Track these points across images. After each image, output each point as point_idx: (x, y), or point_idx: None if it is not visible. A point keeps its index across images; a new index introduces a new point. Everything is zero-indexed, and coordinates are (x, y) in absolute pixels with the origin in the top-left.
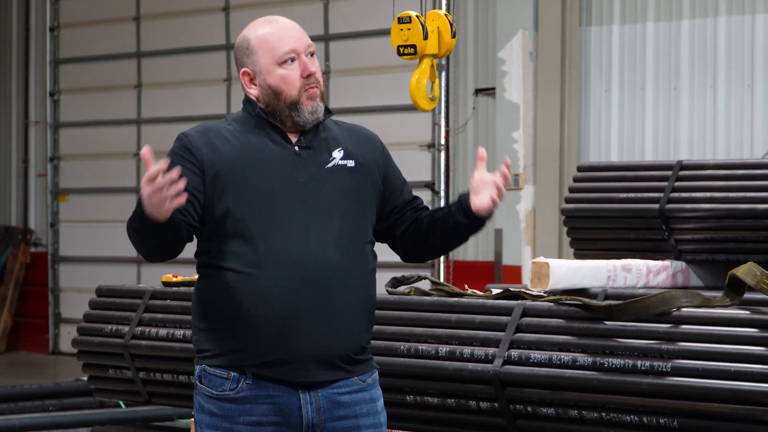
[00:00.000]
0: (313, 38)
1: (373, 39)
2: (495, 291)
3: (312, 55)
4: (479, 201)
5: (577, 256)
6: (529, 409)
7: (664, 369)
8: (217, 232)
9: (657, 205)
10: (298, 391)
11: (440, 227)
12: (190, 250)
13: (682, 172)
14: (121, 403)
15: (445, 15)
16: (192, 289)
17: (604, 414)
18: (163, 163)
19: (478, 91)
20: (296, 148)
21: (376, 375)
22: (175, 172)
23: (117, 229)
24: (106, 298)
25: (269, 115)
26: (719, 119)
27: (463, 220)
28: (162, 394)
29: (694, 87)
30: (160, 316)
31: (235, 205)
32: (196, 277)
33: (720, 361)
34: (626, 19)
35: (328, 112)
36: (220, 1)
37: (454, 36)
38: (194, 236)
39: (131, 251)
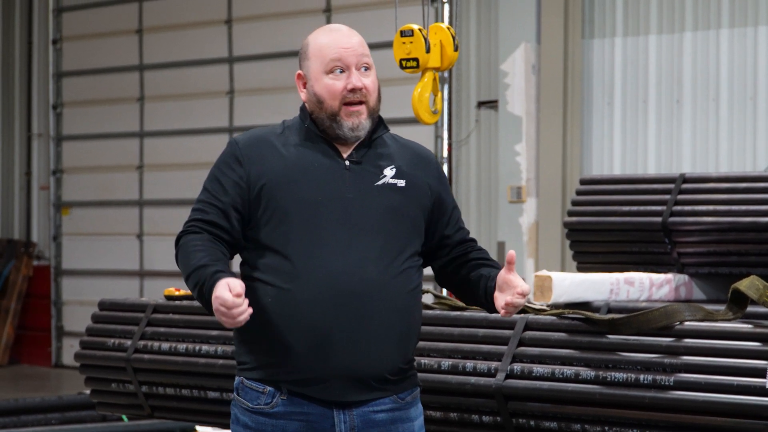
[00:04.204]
0: None
1: (376, 52)
2: None
3: (367, 68)
4: (497, 303)
5: (580, 270)
6: (532, 422)
7: (666, 383)
8: (258, 244)
9: (660, 218)
10: (332, 410)
11: (467, 289)
12: None
13: (684, 185)
14: (123, 416)
15: (448, 28)
16: (194, 302)
17: (606, 428)
18: (240, 289)
19: (480, 104)
20: (346, 162)
21: (417, 392)
22: (245, 305)
23: (120, 242)
24: (108, 312)
25: (317, 126)
26: (722, 132)
27: (484, 302)
28: (164, 408)
29: (697, 99)
30: (162, 329)
31: (278, 218)
32: None
33: (723, 374)
34: (629, 31)
35: (384, 127)
36: (223, 14)
37: (456, 49)
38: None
39: (134, 264)
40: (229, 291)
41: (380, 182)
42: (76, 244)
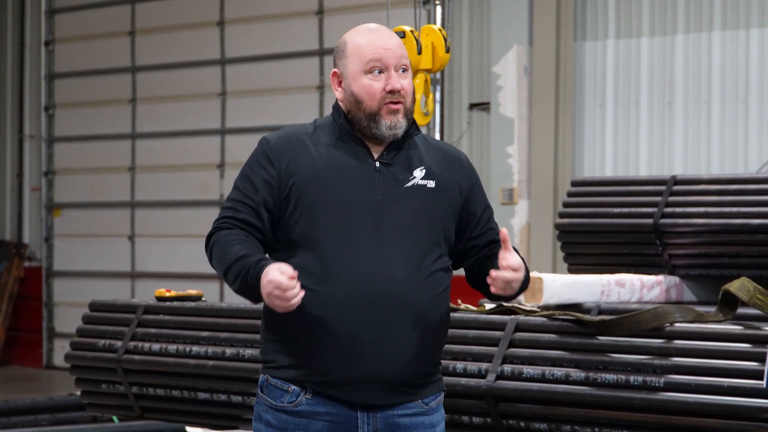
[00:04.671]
0: (308, 53)
1: None
2: (488, 306)
3: (404, 70)
4: (489, 280)
5: (571, 271)
6: (522, 424)
7: (656, 384)
8: (288, 244)
9: (651, 220)
10: (356, 411)
11: (486, 284)
12: (183, 264)
13: (675, 187)
14: (114, 417)
15: (439, 30)
16: (184, 303)
17: (596, 429)
18: (292, 272)
19: (472, 106)
20: (377, 163)
21: (441, 398)
22: (299, 287)
23: (111, 243)
24: (99, 313)
25: (352, 125)
26: (713, 134)
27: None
28: (154, 409)
29: (689, 102)
30: (153, 330)
31: (307, 218)
32: (190, 291)
33: (713, 376)
34: (621, 33)
35: (416, 128)
36: (215, 16)
37: (448, 51)
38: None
39: (125, 265)
40: (281, 274)
41: (410, 183)
42: (68, 245)
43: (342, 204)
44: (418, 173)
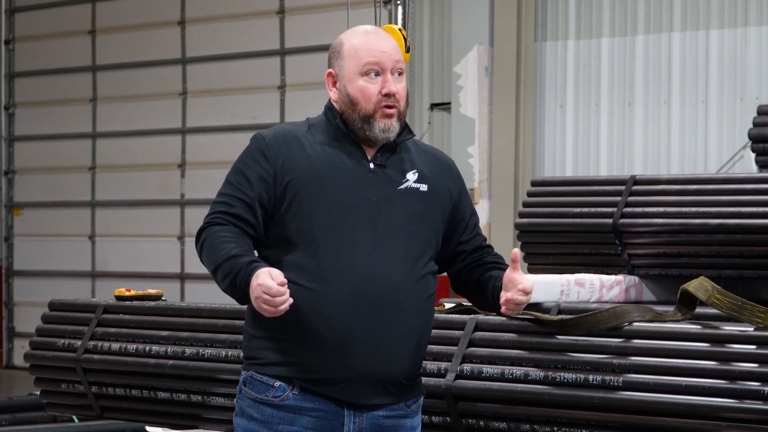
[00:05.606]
0: (269, 52)
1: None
2: (448, 305)
3: (400, 73)
4: (502, 302)
5: (531, 271)
6: (482, 423)
7: (615, 383)
8: (281, 241)
9: (610, 220)
10: (343, 409)
11: (478, 293)
12: (144, 264)
13: (635, 187)
14: (74, 417)
15: (400, 30)
16: (144, 303)
17: (555, 428)
18: (282, 278)
19: (433, 106)
20: (371, 165)
21: (421, 401)
22: (287, 294)
23: (72, 242)
24: (58, 312)
25: (346, 126)
26: (673, 134)
27: (492, 303)
28: (114, 409)
29: (649, 102)
30: (112, 330)
31: (303, 216)
32: (150, 291)
33: (671, 375)
34: (581, 34)
35: (409, 132)
36: (176, 15)
37: (408, 50)
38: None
39: (86, 265)
40: (272, 279)
41: (403, 186)
42: (28, 244)
43: (339, 203)
44: (411, 176)
